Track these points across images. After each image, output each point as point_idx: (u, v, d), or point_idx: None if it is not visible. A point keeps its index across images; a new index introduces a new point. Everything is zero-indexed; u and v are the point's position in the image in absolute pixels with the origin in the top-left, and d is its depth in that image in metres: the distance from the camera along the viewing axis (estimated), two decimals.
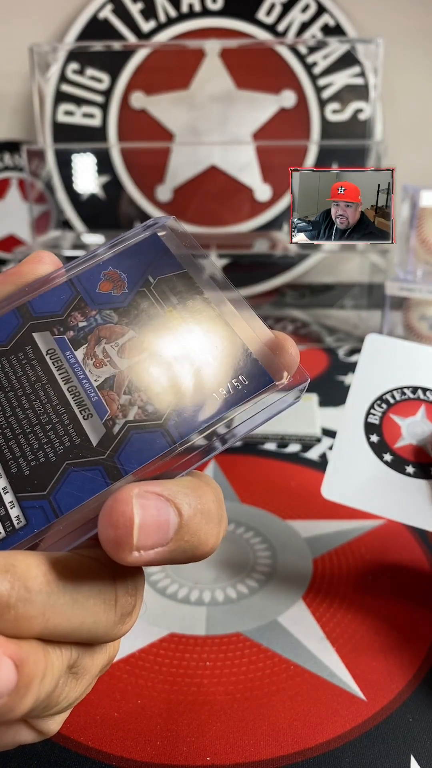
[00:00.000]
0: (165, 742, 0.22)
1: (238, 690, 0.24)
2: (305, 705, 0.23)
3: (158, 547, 0.14)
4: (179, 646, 0.26)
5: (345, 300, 0.77)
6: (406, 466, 0.27)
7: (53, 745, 0.21)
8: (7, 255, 0.84)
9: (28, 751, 0.21)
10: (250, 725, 0.22)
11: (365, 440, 0.28)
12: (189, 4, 0.75)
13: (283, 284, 0.81)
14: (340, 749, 0.21)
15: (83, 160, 0.77)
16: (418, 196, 0.55)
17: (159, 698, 0.23)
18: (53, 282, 0.19)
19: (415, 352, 0.29)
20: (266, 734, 0.22)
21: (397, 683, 0.24)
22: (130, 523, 0.14)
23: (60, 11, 0.77)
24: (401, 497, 0.26)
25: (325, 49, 0.74)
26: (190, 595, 0.29)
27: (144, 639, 0.26)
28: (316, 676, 0.24)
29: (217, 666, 0.25)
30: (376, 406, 0.28)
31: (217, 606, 0.28)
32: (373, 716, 0.22)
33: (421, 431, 0.28)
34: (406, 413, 0.28)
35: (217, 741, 0.22)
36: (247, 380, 0.17)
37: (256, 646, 0.26)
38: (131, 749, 0.21)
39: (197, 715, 0.23)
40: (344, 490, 0.27)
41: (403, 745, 0.21)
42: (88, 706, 0.23)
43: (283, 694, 0.23)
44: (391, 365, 0.29)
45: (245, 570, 0.30)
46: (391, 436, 0.28)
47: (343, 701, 0.23)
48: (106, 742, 0.22)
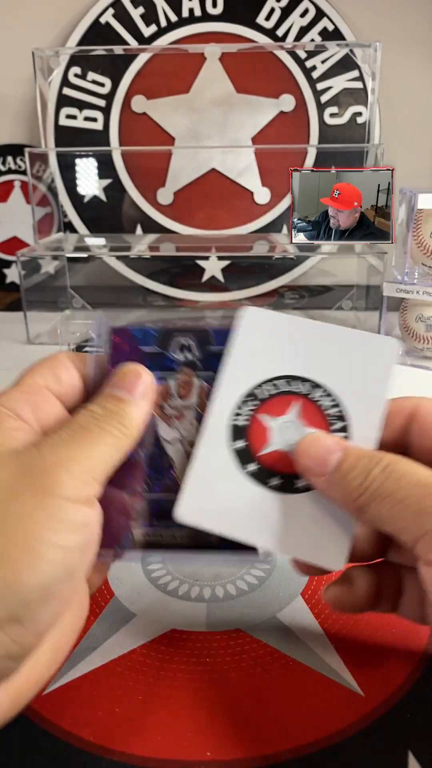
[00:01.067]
0: (166, 737, 0.22)
1: (237, 686, 0.24)
2: (304, 700, 0.23)
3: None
4: (180, 642, 0.26)
5: (343, 301, 0.78)
6: (269, 479, 0.22)
7: (55, 740, 0.22)
8: (10, 257, 0.85)
9: (29, 746, 0.21)
10: (249, 720, 0.22)
11: (228, 447, 0.22)
12: (189, 8, 0.76)
13: (282, 286, 0.81)
14: (338, 744, 0.21)
15: (85, 163, 0.78)
16: (415, 198, 0.56)
17: (160, 694, 0.23)
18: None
19: (295, 327, 0.23)
20: (265, 729, 0.22)
21: (395, 679, 0.24)
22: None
23: (62, 16, 0.78)
24: (258, 516, 0.21)
25: (323, 53, 0.74)
26: (191, 591, 0.29)
27: (145, 635, 0.26)
28: (314, 672, 0.24)
29: (217, 662, 0.25)
30: (244, 403, 0.23)
31: (217, 602, 0.28)
32: (371, 712, 0.23)
33: (290, 436, 0.22)
34: (277, 412, 0.23)
35: (217, 736, 0.22)
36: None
37: (255, 642, 0.26)
38: (132, 744, 0.21)
39: (198, 710, 0.23)
40: (200, 509, 0.22)
41: (401, 740, 0.22)
42: (89, 701, 0.23)
43: (282, 690, 0.24)
44: (264, 349, 0.23)
45: (245, 567, 0.31)
46: (258, 440, 0.22)
47: (341, 697, 0.23)
48: (107, 737, 0.22)
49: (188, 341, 0.24)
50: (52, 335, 0.68)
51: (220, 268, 0.81)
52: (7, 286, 0.88)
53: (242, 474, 0.22)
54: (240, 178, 0.78)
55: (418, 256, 0.59)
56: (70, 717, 0.22)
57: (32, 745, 0.21)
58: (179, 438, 0.23)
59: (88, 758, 0.21)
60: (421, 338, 0.60)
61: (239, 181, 0.78)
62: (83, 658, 0.25)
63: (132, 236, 0.80)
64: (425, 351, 0.60)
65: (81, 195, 0.78)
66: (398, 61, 0.78)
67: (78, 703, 0.23)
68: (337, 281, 0.81)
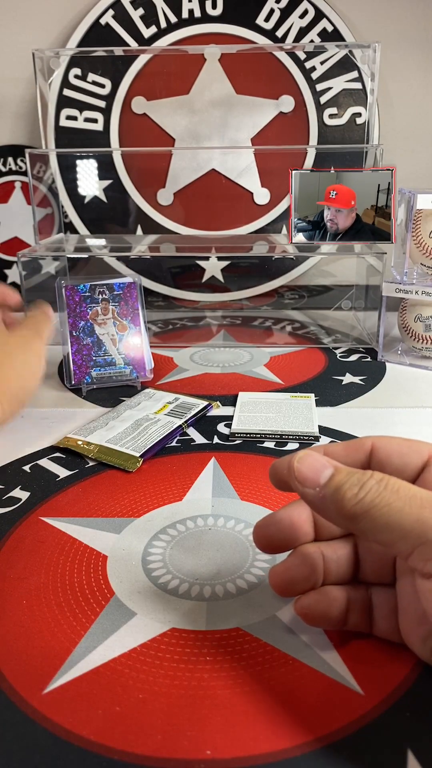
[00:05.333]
0: (166, 735, 0.22)
1: (237, 684, 0.24)
2: (304, 699, 0.23)
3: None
4: (180, 641, 0.26)
5: (342, 301, 0.78)
6: None
7: (55, 739, 0.22)
8: (11, 258, 0.85)
9: (29, 745, 0.22)
10: (249, 719, 0.22)
11: None
12: (189, 10, 0.76)
13: (282, 286, 0.81)
14: (338, 743, 0.21)
15: (85, 164, 0.78)
16: (414, 199, 0.56)
17: (160, 692, 0.23)
18: None
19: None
20: (265, 728, 0.22)
21: (395, 677, 0.24)
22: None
23: (63, 17, 0.78)
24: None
25: (323, 54, 0.75)
26: (191, 590, 0.29)
27: (145, 634, 0.26)
28: (314, 671, 0.24)
29: (217, 660, 0.25)
30: None
31: (217, 601, 0.28)
32: (370, 710, 0.23)
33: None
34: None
35: (217, 734, 0.22)
36: None
37: (255, 641, 0.26)
38: (132, 743, 0.21)
39: (198, 709, 0.23)
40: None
41: (401, 739, 0.22)
42: (89, 700, 0.23)
43: (281, 688, 0.24)
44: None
45: (245, 566, 0.31)
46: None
47: (341, 695, 0.23)
48: (107, 735, 0.22)
49: (103, 288, 0.54)
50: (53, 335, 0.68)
51: (220, 268, 0.81)
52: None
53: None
54: (240, 179, 0.78)
55: (417, 256, 0.59)
56: (70, 716, 0.22)
57: (32, 745, 0.21)
58: (105, 333, 0.53)
59: (88, 757, 0.21)
60: (420, 338, 0.60)
61: (239, 181, 0.78)
62: (83, 657, 0.25)
63: (132, 236, 0.80)
64: (424, 351, 0.60)
65: (81, 196, 0.79)
66: (397, 61, 0.78)
67: (78, 703, 0.23)
68: (337, 281, 0.81)
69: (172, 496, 0.37)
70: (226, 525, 0.34)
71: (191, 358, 0.63)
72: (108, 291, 0.53)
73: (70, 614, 0.27)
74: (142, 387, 0.54)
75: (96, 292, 0.53)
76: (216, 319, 0.76)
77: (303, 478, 0.23)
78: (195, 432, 0.45)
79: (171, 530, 0.34)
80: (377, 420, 0.48)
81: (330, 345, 0.66)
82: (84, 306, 0.53)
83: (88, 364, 0.53)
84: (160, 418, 0.46)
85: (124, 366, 0.53)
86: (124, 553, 0.32)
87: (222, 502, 0.36)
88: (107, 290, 0.53)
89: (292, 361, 0.62)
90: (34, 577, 0.30)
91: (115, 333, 0.53)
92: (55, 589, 0.29)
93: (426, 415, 0.48)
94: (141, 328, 0.54)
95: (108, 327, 0.52)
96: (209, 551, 0.32)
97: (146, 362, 0.54)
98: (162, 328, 0.74)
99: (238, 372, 0.59)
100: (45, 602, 0.28)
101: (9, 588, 0.29)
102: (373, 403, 0.51)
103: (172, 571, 0.30)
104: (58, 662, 0.25)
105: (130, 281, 0.54)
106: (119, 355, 0.53)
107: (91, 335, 0.53)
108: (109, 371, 0.53)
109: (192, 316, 0.78)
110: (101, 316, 0.52)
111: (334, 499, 0.22)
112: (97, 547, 0.32)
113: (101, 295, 0.53)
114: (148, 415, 0.46)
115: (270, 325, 0.74)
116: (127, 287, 0.53)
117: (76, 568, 0.31)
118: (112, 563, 0.31)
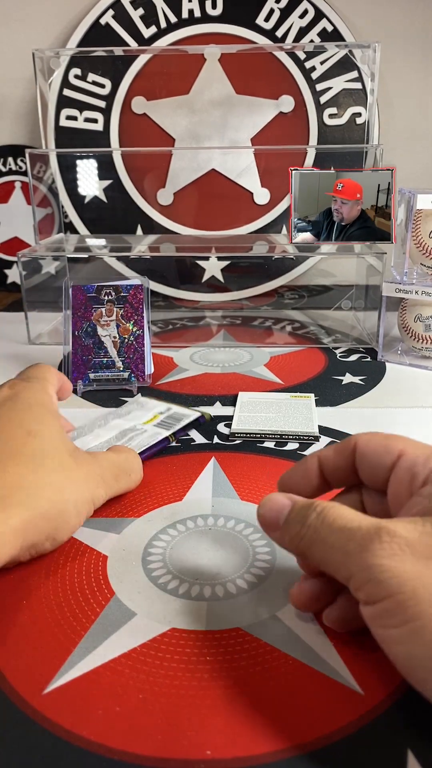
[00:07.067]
0: (166, 735, 0.22)
1: (237, 684, 0.24)
2: (304, 699, 0.23)
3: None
4: (180, 641, 0.26)
5: (342, 301, 0.78)
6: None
7: (55, 739, 0.22)
8: (11, 258, 0.85)
9: (29, 745, 0.22)
10: (249, 719, 0.22)
11: None
12: (189, 10, 0.76)
13: (282, 286, 0.81)
14: (338, 743, 0.21)
15: (86, 164, 0.78)
16: (414, 199, 0.56)
17: (160, 693, 0.23)
18: None
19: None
20: (265, 728, 0.22)
21: (395, 677, 0.24)
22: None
23: (63, 17, 0.78)
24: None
25: (323, 54, 0.75)
26: (191, 590, 0.29)
27: (145, 634, 0.26)
28: (314, 671, 0.24)
29: (217, 660, 0.25)
30: None
31: (217, 601, 0.28)
32: (371, 710, 0.23)
33: None
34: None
35: (217, 735, 0.22)
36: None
37: (255, 641, 0.26)
38: (132, 743, 0.21)
39: (198, 709, 0.23)
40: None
41: (401, 739, 0.22)
42: (89, 700, 0.23)
43: (281, 689, 0.24)
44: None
45: (245, 566, 0.31)
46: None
47: (340, 695, 0.23)
48: (107, 735, 0.22)
49: (109, 290, 0.53)
50: (53, 335, 0.68)
51: (220, 268, 0.81)
52: (8, 287, 0.88)
53: None
54: (240, 179, 0.78)
55: (417, 256, 0.59)
56: (70, 716, 0.22)
57: (32, 745, 0.21)
58: (107, 335, 0.53)
59: (88, 757, 0.21)
60: (420, 338, 0.60)
61: (239, 181, 0.78)
62: (83, 657, 0.25)
63: (132, 236, 0.80)
64: (424, 351, 0.60)
65: (81, 196, 0.79)
66: (397, 61, 0.78)
67: (78, 703, 0.23)
68: (337, 281, 0.81)
69: (172, 496, 0.37)
70: (226, 525, 0.34)
71: (191, 358, 0.63)
72: (114, 293, 0.53)
73: (70, 614, 0.27)
74: (140, 391, 0.53)
75: (102, 293, 0.53)
76: (216, 319, 0.76)
77: (266, 523, 0.25)
78: (195, 432, 0.45)
79: (171, 530, 0.34)
80: (377, 420, 0.48)
81: (330, 345, 0.66)
82: (89, 307, 0.53)
83: (87, 365, 0.53)
84: (148, 428, 0.44)
85: (123, 369, 0.53)
86: (124, 553, 0.32)
87: (222, 502, 0.36)
88: (113, 292, 0.53)
89: (292, 361, 0.62)
90: (34, 577, 0.30)
91: (117, 335, 0.52)
92: (55, 589, 0.29)
93: (426, 415, 0.48)
94: (144, 332, 0.54)
95: (110, 329, 0.52)
96: (209, 551, 0.32)
97: (146, 367, 0.53)
98: (162, 328, 0.74)
99: (238, 372, 0.59)
100: (45, 602, 0.28)
101: (9, 588, 0.29)
102: (373, 403, 0.51)
103: (172, 571, 0.30)
104: (58, 662, 0.25)
105: (138, 283, 0.54)
106: (119, 358, 0.53)
107: (93, 336, 0.53)
108: (107, 374, 0.53)
109: (192, 316, 0.78)
110: (105, 318, 0.52)
111: (287, 537, 0.24)
112: (97, 547, 0.32)
113: (107, 297, 0.52)
114: (135, 425, 0.45)
115: (270, 325, 0.74)
116: (133, 289, 0.53)
117: (76, 568, 0.31)
118: (112, 563, 0.31)
